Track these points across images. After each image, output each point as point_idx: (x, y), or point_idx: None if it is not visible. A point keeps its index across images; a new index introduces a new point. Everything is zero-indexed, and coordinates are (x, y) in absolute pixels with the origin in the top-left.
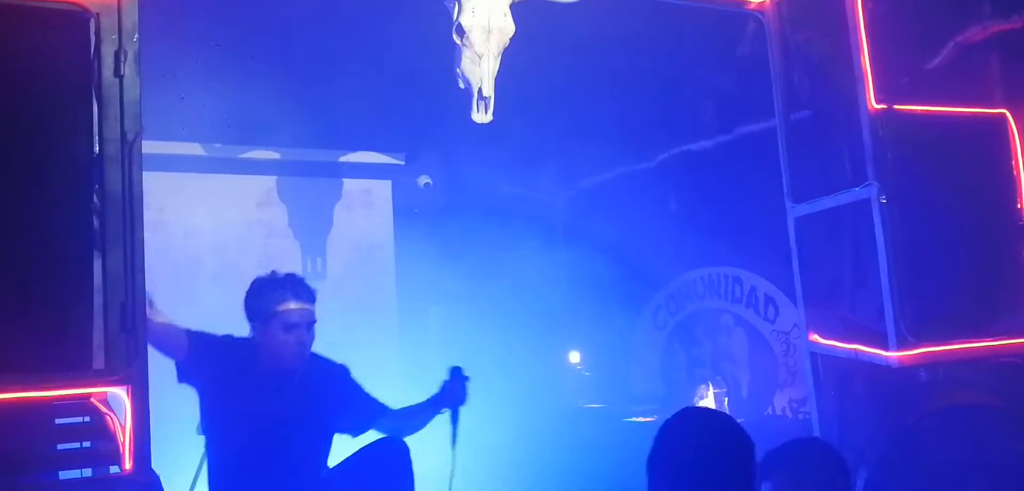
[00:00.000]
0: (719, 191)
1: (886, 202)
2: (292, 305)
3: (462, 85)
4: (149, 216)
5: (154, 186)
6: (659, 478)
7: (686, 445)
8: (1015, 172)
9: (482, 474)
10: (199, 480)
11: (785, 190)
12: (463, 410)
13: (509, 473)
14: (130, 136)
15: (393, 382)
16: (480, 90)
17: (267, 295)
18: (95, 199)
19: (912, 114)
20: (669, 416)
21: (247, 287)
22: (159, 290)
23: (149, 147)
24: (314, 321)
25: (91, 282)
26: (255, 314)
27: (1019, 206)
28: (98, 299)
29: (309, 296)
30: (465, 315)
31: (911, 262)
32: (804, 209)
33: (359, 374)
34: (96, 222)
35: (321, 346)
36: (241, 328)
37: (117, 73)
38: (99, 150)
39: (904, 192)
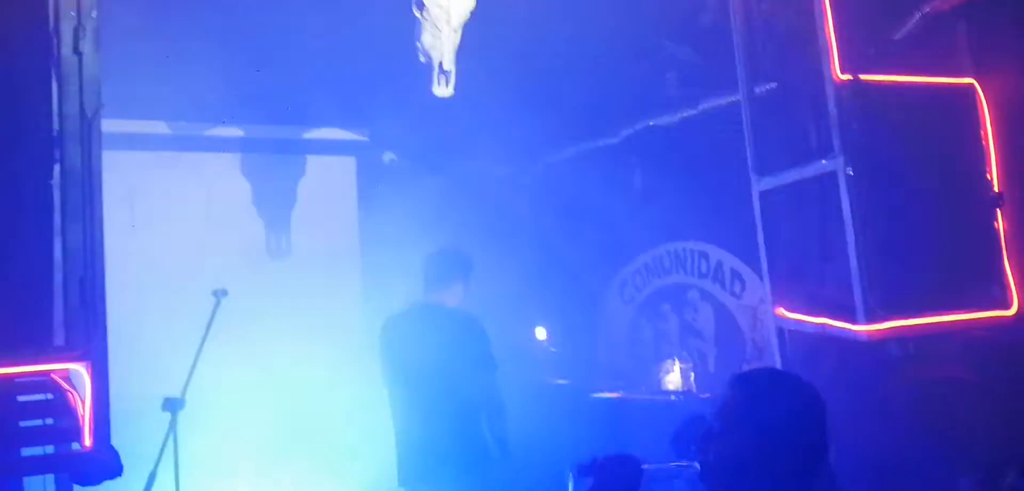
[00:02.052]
0: (684, 166)
1: (853, 174)
2: None
3: (423, 59)
4: (115, 193)
5: (119, 164)
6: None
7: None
8: (984, 142)
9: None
10: (164, 457)
11: (750, 163)
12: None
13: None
14: (89, 112)
15: (357, 358)
16: (441, 64)
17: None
18: (55, 175)
19: (879, 85)
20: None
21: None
22: (124, 267)
23: (114, 126)
24: None
25: (51, 258)
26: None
27: (988, 177)
28: (58, 276)
29: None
30: None
31: (879, 234)
32: (769, 182)
33: (323, 349)
34: (56, 198)
35: (289, 321)
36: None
37: (76, 50)
38: (59, 127)
39: (871, 164)
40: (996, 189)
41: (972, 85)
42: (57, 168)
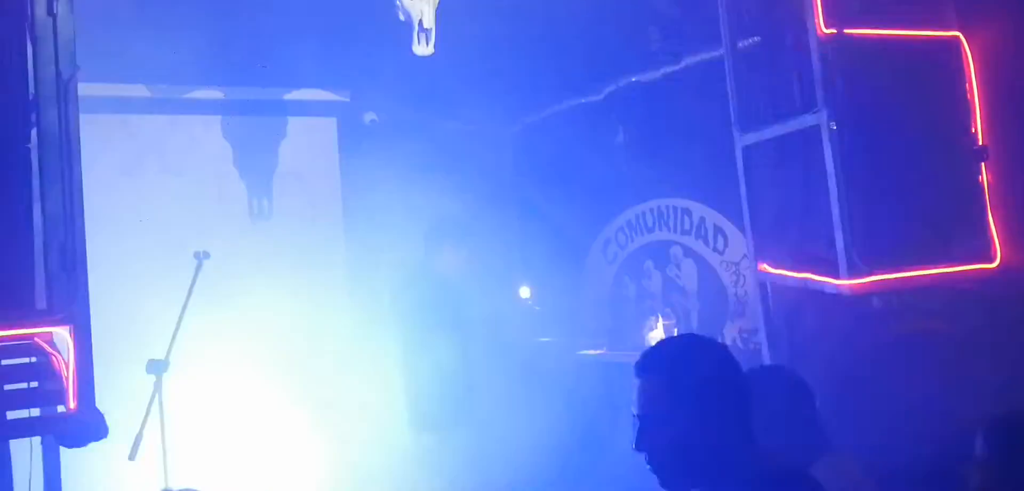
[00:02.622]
0: (667, 122)
1: (836, 128)
2: None
3: (402, 17)
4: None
5: (100, 127)
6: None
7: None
8: (969, 96)
9: (434, 408)
10: (149, 418)
11: (733, 118)
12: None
13: (461, 406)
14: (65, 75)
15: (342, 322)
16: (421, 22)
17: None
18: (32, 140)
19: (863, 38)
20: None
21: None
22: (106, 231)
23: (94, 90)
24: None
25: (31, 223)
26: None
27: (973, 130)
28: (38, 240)
29: None
30: (415, 252)
31: (862, 189)
32: (752, 137)
33: (307, 309)
34: (34, 163)
35: (272, 283)
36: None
37: (50, 12)
38: (34, 91)
39: (855, 117)
40: (980, 142)
41: (957, 38)
42: (34, 132)
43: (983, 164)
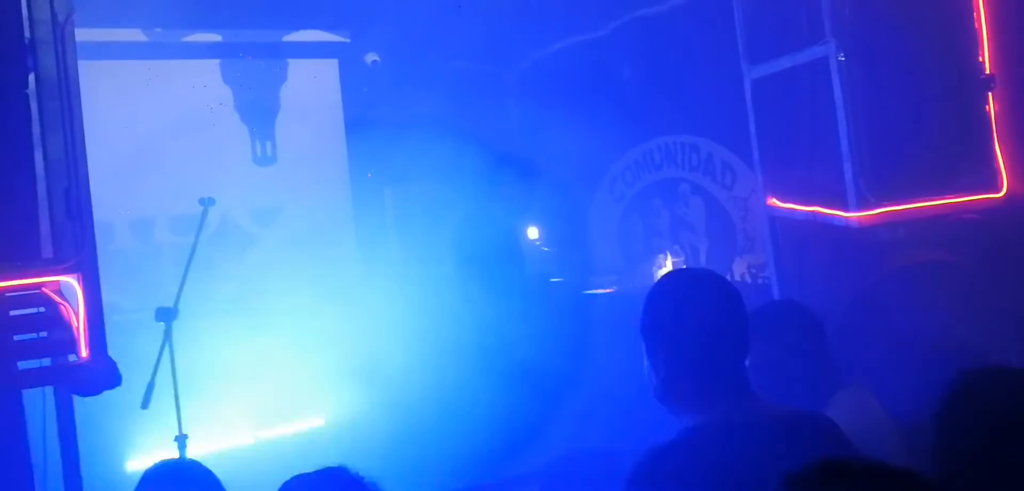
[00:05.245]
0: (674, 57)
1: (844, 59)
2: None
3: None
4: (95, 105)
5: (96, 75)
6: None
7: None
8: (976, 25)
9: (443, 350)
10: (161, 365)
11: (741, 52)
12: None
13: (471, 349)
14: (61, 17)
15: (348, 264)
16: None
17: None
18: (30, 85)
19: None
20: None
21: None
22: (108, 181)
23: (89, 35)
24: None
25: (33, 170)
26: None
27: (980, 59)
28: (42, 188)
29: None
30: (420, 193)
31: (870, 120)
32: (761, 70)
33: (315, 257)
34: (34, 109)
35: (273, 230)
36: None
37: None
38: (31, 34)
39: (863, 48)
40: (987, 71)
41: None
42: (32, 77)
43: (990, 94)
